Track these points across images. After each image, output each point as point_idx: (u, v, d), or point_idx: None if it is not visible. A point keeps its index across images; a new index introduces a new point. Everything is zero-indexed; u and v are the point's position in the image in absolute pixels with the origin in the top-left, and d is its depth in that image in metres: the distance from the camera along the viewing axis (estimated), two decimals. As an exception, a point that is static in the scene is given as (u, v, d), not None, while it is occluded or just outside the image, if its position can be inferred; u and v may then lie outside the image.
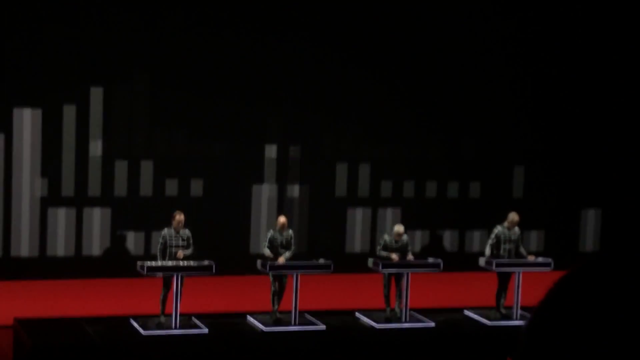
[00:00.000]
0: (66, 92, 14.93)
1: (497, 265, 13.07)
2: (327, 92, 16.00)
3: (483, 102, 16.77)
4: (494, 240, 13.27)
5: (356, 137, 16.24)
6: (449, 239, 16.88)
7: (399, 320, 12.79)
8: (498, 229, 13.30)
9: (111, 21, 14.96)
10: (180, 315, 12.01)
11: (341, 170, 16.26)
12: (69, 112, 14.98)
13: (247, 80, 15.63)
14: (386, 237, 13.11)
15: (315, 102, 15.99)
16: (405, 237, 13.10)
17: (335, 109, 16.07)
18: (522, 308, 13.02)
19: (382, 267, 12.75)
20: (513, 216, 13.36)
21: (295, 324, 12.37)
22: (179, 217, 12.36)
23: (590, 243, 17.51)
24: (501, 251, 13.21)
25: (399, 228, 13.09)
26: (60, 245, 15.02)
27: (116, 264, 14.85)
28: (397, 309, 12.91)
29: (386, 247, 12.96)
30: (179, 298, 12.01)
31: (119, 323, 12.18)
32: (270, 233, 12.76)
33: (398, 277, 12.95)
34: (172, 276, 12.09)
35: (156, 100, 15.36)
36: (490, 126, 16.87)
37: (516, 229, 13.36)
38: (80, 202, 15.10)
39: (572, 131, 17.23)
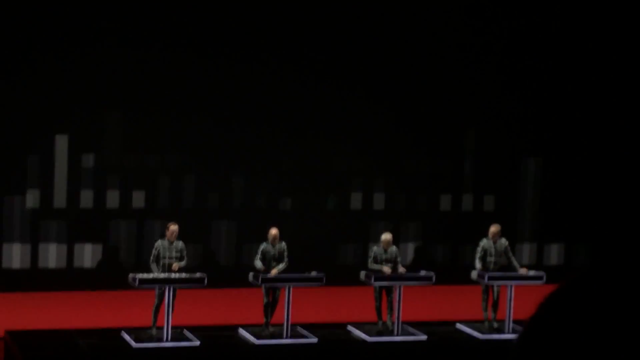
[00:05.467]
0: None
1: (489, 278, 13.06)
2: (321, 105, 16.01)
3: (477, 116, 16.79)
4: (482, 254, 13.25)
5: (349, 149, 16.24)
6: (440, 252, 16.88)
7: (391, 334, 12.78)
8: (484, 242, 13.29)
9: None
10: (172, 327, 11.97)
11: (333, 183, 16.25)
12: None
13: (239, 95, 15.63)
14: (375, 248, 13.09)
15: (308, 115, 15.99)
16: (394, 248, 13.07)
17: (328, 122, 16.07)
18: (514, 322, 13.02)
19: (374, 280, 12.73)
20: (494, 228, 13.32)
21: (287, 337, 12.34)
22: (173, 227, 12.27)
23: (582, 255, 17.52)
24: (487, 264, 13.17)
25: (387, 236, 13.05)
26: (51, 257, 14.98)
27: (108, 275, 14.81)
28: (389, 322, 12.89)
29: (376, 259, 12.94)
30: (170, 310, 11.97)
31: (111, 335, 12.14)
32: (263, 245, 12.71)
33: (389, 290, 12.94)
34: (164, 288, 12.05)
35: (148, 118, 15.37)
36: (487, 140, 16.89)
37: (502, 240, 13.30)
38: (72, 214, 15.07)
39: (570, 144, 17.25)
